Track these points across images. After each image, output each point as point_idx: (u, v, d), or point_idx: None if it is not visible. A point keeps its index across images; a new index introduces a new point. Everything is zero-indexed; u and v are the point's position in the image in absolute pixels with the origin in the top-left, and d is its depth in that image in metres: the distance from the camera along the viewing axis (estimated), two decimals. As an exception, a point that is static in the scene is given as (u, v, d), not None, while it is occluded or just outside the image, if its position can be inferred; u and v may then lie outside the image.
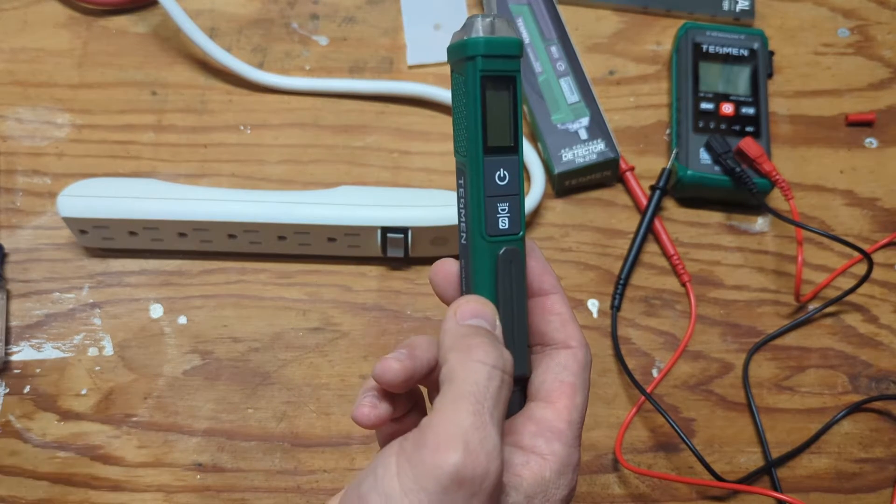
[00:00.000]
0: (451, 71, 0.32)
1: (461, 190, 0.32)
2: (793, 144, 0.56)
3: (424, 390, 0.35)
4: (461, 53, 0.30)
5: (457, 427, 0.26)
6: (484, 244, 0.31)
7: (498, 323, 0.31)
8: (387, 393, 0.32)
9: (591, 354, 0.33)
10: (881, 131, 0.57)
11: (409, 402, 0.33)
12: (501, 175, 0.31)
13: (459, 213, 0.32)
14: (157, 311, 0.49)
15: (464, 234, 0.32)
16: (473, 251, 0.31)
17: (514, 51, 0.30)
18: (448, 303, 0.32)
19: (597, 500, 0.46)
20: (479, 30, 0.30)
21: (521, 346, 0.32)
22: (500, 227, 0.31)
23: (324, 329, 0.49)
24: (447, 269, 0.33)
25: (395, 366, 0.30)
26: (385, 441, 0.33)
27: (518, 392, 0.33)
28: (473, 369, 0.28)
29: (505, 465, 0.29)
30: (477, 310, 0.30)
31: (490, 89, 0.30)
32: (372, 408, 0.31)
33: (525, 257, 0.32)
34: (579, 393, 0.32)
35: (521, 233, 0.32)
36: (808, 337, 0.51)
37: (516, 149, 0.31)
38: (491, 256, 0.31)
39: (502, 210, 0.31)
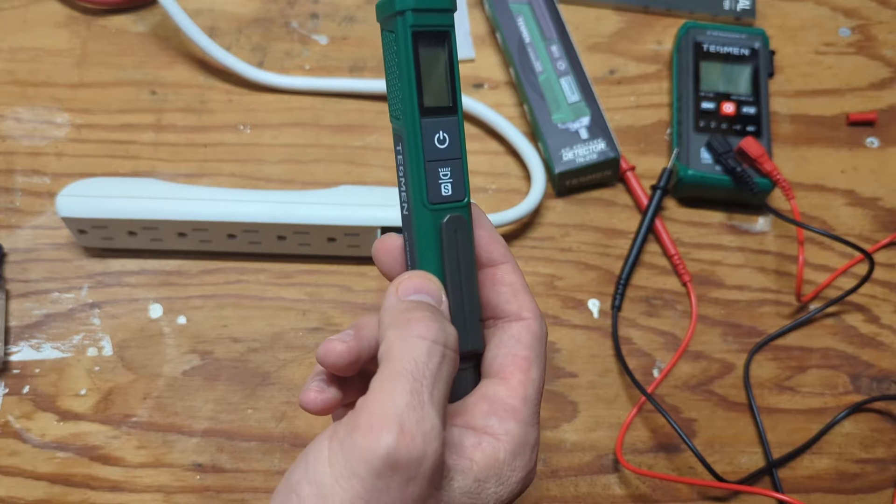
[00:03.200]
0: (381, 29, 0.30)
1: (399, 157, 0.30)
2: (794, 144, 0.56)
3: None
4: (390, 9, 0.28)
5: (391, 407, 0.25)
6: (426, 213, 0.29)
7: (444, 297, 0.29)
8: (335, 377, 0.30)
9: (546, 325, 0.31)
10: (882, 131, 0.57)
11: (363, 385, 0.30)
12: (441, 137, 0.29)
13: (400, 183, 0.30)
14: (156, 311, 0.49)
15: (405, 205, 0.30)
16: (416, 221, 0.30)
17: (446, 4, 0.29)
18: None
19: (597, 501, 0.46)
20: None
21: (472, 319, 0.30)
22: (443, 193, 0.29)
23: (324, 329, 0.49)
24: (391, 244, 0.32)
25: (338, 347, 0.29)
26: None
27: (471, 370, 0.31)
28: (412, 345, 0.26)
29: (456, 448, 0.28)
30: (420, 285, 0.29)
31: (423, 46, 0.28)
32: (319, 392, 0.30)
33: (472, 226, 0.31)
34: (534, 366, 0.30)
35: (466, 199, 0.30)
36: (810, 337, 0.51)
37: (455, 109, 0.29)
38: (434, 225, 0.29)
39: (444, 175, 0.29)
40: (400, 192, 0.31)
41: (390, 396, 0.25)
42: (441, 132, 0.29)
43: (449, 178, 0.29)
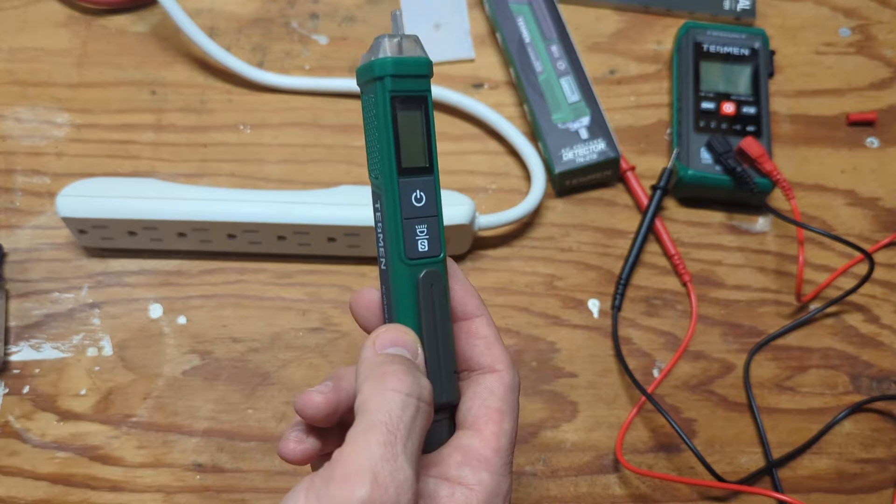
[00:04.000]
0: (361, 93, 0.32)
1: (378, 214, 0.31)
2: (794, 144, 0.56)
3: None
4: (369, 74, 0.30)
5: (366, 459, 0.25)
6: (403, 268, 0.31)
7: (420, 351, 0.30)
8: (314, 427, 0.31)
9: (518, 377, 0.32)
10: (882, 131, 0.57)
11: (342, 436, 0.32)
12: (418, 196, 0.31)
13: (378, 239, 0.32)
14: (156, 311, 0.49)
15: (383, 260, 0.32)
16: (393, 276, 0.31)
17: (423, 70, 0.30)
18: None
19: (597, 501, 0.46)
20: (387, 50, 0.30)
21: (447, 371, 0.32)
22: (420, 249, 0.31)
23: (324, 329, 0.49)
24: (368, 297, 0.33)
25: (316, 399, 0.30)
26: None
27: (447, 421, 0.32)
28: (387, 398, 0.27)
29: (431, 499, 0.29)
30: (396, 338, 0.30)
31: (401, 110, 0.30)
32: (297, 443, 0.31)
33: (447, 280, 0.32)
34: (507, 418, 0.31)
35: (442, 255, 0.31)
36: (810, 337, 0.51)
37: (431, 169, 0.31)
38: (411, 280, 0.31)
39: (421, 232, 0.31)
40: (378, 247, 0.32)
41: (365, 448, 0.26)
42: (418, 191, 0.31)
43: (426, 235, 0.31)
